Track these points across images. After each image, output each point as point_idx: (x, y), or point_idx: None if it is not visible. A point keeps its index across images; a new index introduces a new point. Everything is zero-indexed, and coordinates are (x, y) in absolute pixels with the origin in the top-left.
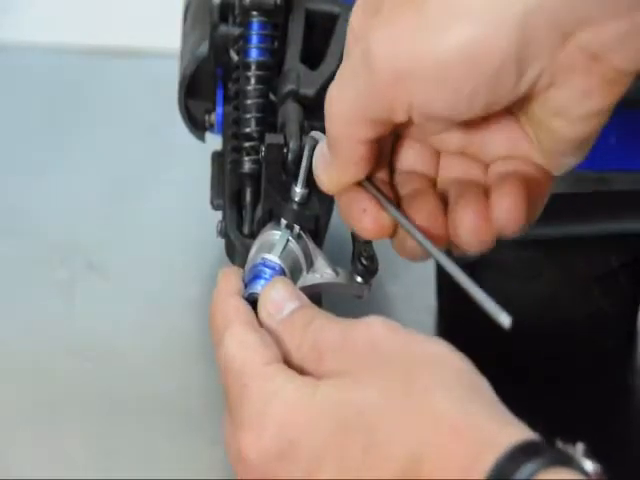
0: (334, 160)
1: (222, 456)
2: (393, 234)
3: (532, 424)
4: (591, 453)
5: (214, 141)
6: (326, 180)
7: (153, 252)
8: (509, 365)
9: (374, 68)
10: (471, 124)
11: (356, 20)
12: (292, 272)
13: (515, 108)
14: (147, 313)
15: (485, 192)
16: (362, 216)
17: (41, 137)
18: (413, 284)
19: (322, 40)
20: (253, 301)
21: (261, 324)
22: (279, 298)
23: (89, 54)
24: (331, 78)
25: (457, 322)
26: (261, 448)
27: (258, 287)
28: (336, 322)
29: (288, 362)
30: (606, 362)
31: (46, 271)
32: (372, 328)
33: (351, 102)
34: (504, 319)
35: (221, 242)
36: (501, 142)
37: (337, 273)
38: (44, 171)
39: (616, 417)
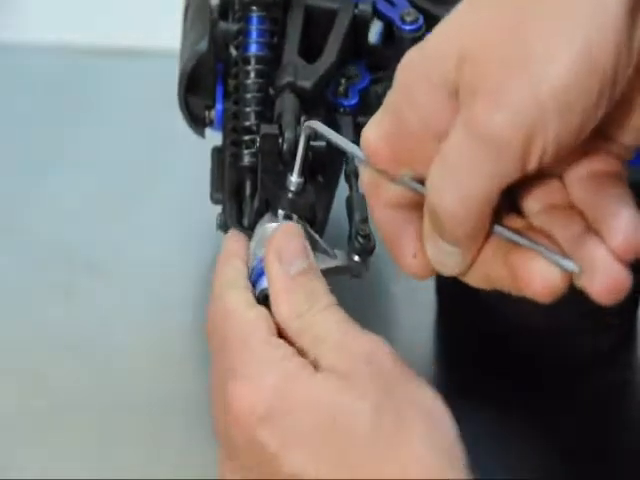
0: (461, 246)
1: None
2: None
3: (532, 423)
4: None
5: (215, 142)
6: (458, 268)
7: (153, 252)
8: (508, 363)
9: (502, 139)
10: None
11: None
12: None
13: None
14: (147, 313)
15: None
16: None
17: (41, 137)
18: (413, 284)
19: (321, 35)
20: (264, 297)
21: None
22: (290, 249)
23: (89, 54)
24: (328, 72)
25: (456, 320)
26: (251, 402)
27: (265, 283)
28: (340, 314)
29: (282, 324)
30: (606, 360)
31: (46, 271)
32: (378, 344)
33: (481, 186)
34: (569, 265)
35: (221, 242)
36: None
37: (335, 256)
38: (44, 171)
39: (616, 415)
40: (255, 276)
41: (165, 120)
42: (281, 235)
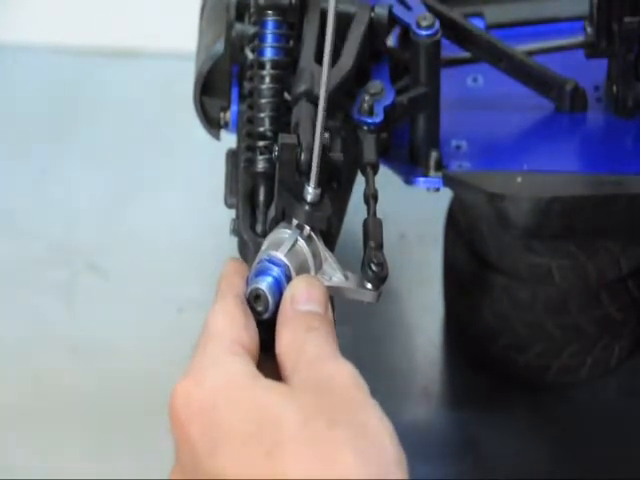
0: None
1: None
2: None
3: (537, 426)
4: None
5: (215, 142)
6: None
7: (153, 252)
8: (515, 369)
9: None
10: None
11: None
12: (298, 272)
13: None
14: (147, 313)
15: None
16: None
17: (41, 137)
18: (413, 284)
19: (337, 40)
20: (255, 296)
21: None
22: (308, 294)
23: (89, 54)
24: (345, 79)
25: (463, 324)
26: (187, 396)
27: (261, 283)
28: (333, 357)
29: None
30: (613, 367)
31: (46, 271)
32: (344, 368)
33: None
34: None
35: (221, 242)
36: None
37: (347, 277)
38: (44, 171)
39: (623, 421)
40: (256, 271)
41: (165, 120)
42: (304, 281)
